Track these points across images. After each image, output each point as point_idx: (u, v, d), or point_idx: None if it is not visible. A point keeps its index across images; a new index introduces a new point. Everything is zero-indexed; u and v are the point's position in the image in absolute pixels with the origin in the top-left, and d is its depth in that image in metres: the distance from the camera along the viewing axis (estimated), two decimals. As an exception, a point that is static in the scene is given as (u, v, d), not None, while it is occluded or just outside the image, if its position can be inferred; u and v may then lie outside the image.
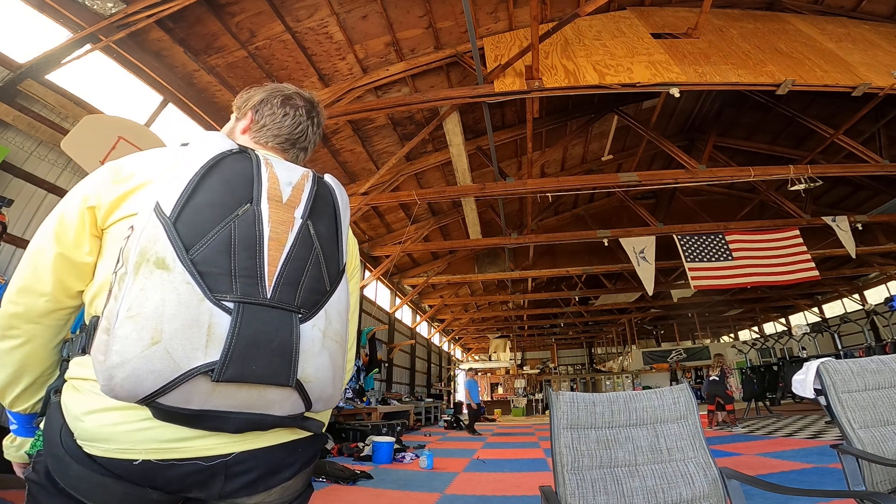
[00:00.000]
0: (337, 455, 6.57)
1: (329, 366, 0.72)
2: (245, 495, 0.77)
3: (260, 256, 0.68)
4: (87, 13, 4.64)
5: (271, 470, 0.78)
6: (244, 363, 0.64)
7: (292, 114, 0.96)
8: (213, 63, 6.02)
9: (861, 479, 1.60)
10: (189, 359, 0.62)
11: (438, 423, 14.61)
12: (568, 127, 9.77)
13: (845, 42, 7.20)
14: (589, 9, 5.11)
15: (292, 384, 0.68)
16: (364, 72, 6.90)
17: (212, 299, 0.64)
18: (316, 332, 0.71)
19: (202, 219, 0.67)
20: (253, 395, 0.67)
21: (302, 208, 0.75)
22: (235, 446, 0.74)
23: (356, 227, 11.04)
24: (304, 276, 0.71)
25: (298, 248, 0.72)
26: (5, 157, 4.01)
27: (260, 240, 0.68)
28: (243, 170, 0.74)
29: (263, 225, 0.69)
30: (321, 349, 0.71)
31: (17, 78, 4.19)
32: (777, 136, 10.74)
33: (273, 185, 0.74)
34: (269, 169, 0.76)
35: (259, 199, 0.71)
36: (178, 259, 0.63)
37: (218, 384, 0.64)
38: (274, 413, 0.70)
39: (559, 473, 1.56)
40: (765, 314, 23.25)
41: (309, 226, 0.75)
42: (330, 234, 0.79)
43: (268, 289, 0.67)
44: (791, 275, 9.21)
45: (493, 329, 24.99)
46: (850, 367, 1.88)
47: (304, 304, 0.70)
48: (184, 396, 0.64)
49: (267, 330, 0.66)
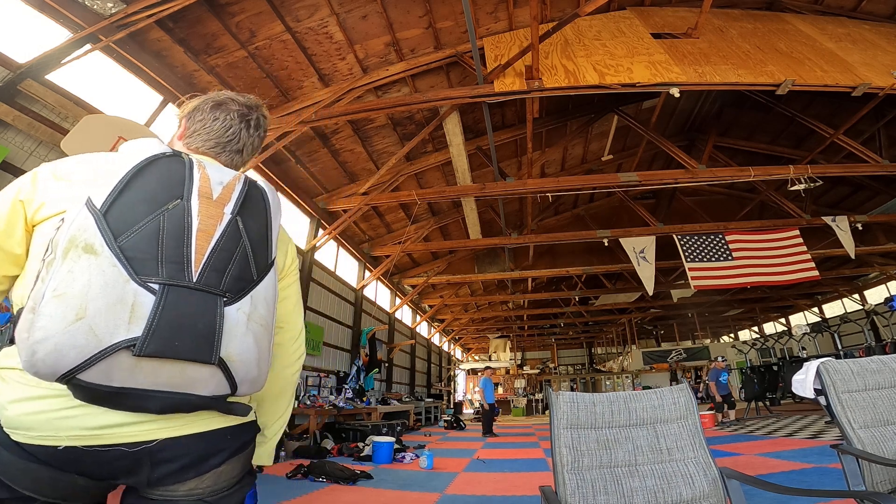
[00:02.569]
0: (337, 455, 6.57)
1: (254, 347, 0.76)
2: (174, 482, 0.79)
3: (188, 245, 0.73)
4: (87, 13, 4.64)
5: (199, 457, 0.80)
6: (166, 339, 0.68)
7: (222, 118, 0.98)
8: (213, 63, 6.02)
9: (861, 479, 1.60)
10: (112, 335, 0.65)
11: (438, 423, 14.61)
12: (568, 127, 9.77)
13: (845, 42, 7.20)
14: (589, 9, 5.11)
15: (215, 361, 0.72)
16: (364, 72, 6.90)
17: (137, 280, 0.68)
18: (241, 315, 0.75)
19: (132, 211, 0.71)
20: (176, 372, 0.70)
21: (232, 205, 0.81)
22: (160, 433, 0.76)
23: (356, 226, 11.05)
24: (231, 265, 0.77)
25: (226, 239, 0.78)
26: (5, 157, 4.01)
27: (188, 230, 0.74)
28: (176, 170, 0.79)
29: (193, 218, 0.75)
30: (246, 331, 0.75)
31: (17, 78, 4.19)
32: (777, 136, 10.74)
33: (204, 184, 0.79)
34: (202, 170, 0.81)
35: (189, 195, 0.77)
36: (106, 245, 0.67)
37: (140, 360, 0.67)
38: (198, 392, 0.73)
39: (559, 473, 1.56)
40: (765, 314, 23.25)
41: (238, 221, 0.81)
42: (259, 230, 0.84)
43: (194, 273, 0.72)
44: (791, 275, 9.21)
45: (493, 329, 24.99)
46: (850, 367, 1.88)
47: (229, 289, 0.75)
48: (105, 372, 0.66)
49: (191, 310, 0.70)
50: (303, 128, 6.95)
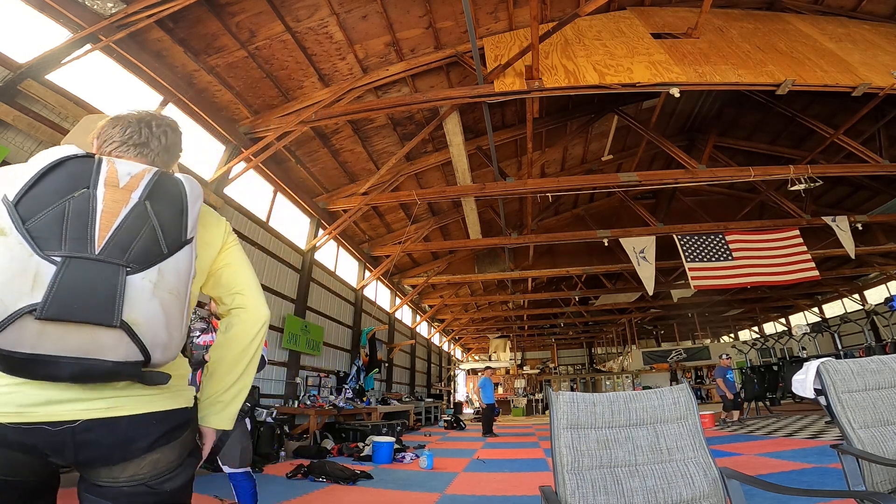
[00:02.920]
0: (337, 455, 6.57)
1: (160, 312, 0.82)
2: (103, 465, 0.85)
3: (91, 225, 0.80)
4: (87, 13, 4.64)
5: (122, 440, 0.85)
6: (66, 303, 0.74)
7: (121, 124, 1.07)
8: (213, 63, 6.02)
9: (861, 479, 1.60)
10: (16, 302, 0.72)
11: (438, 423, 14.60)
12: (568, 127, 9.77)
13: (845, 42, 7.20)
14: (589, 9, 5.11)
15: (116, 323, 0.77)
16: (364, 72, 6.90)
17: (41, 254, 0.75)
18: (146, 283, 0.81)
19: (40, 200, 0.80)
20: (84, 338, 0.76)
21: (139, 191, 0.87)
22: (82, 414, 0.82)
23: (356, 226, 11.05)
24: (137, 241, 0.83)
25: (132, 219, 0.84)
26: (5, 157, 4.01)
27: (93, 213, 0.81)
28: (85, 166, 0.87)
29: (97, 202, 0.82)
30: (151, 297, 0.81)
31: (17, 78, 4.19)
32: (777, 136, 10.74)
33: (111, 175, 0.87)
34: (111, 164, 0.89)
35: (96, 185, 0.84)
36: (14, 227, 0.76)
37: (45, 324, 0.73)
38: (107, 358, 0.78)
39: (559, 473, 1.56)
40: (765, 314, 23.25)
41: (146, 205, 0.87)
42: (172, 213, 0.90)
43: (97, 248, 0.79)
44: (791, 275, 9.21)
45: (493, 329, 24.99)
46: (850, 367, 1.88)
47: (134, 260, 0.81)
48: (15, 337, 0.72)
49: (91, 278, 0.77)
50: (303, 128, 6.95)
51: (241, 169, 6.99)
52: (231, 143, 6.93)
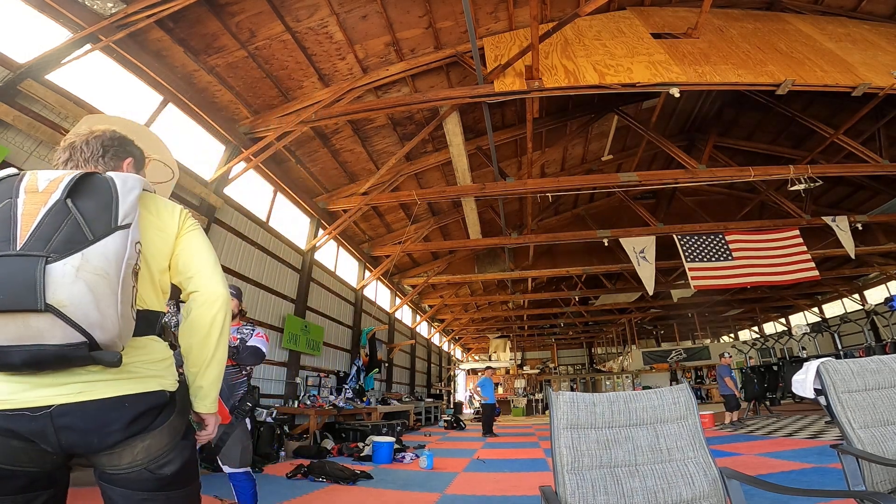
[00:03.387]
0: (337, 455, 6.57)
1: (86, 292, 0.86)
2: (89, 451, 0.94)
3: (13, 227, 0.87)
4: (87, 13, 4.64)
5: (97, 424, 0.93)
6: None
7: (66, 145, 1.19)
8: (213, 63, 6.02)
9: (861, 478, 1.60)
10: None
11: (438, 423, 14.60)
12: (568, 127, 9.77)
13: (845, 42, 7.20)
14: (589, 9, 5.11)
15: (41, 307, 0.83)
16: (364, 72, 6.90)
17: None
18: (68, 267, 0.86)
19: None
20: (20, 325, 0.83)
21: (58, 193, 0.93)
22: (55, 399, 0.90)
23: (356, 226, 11.05)
24: (58, 233, 0.88)
25: (52, 215, 0.90)
26: (5, 157, 4.01)
27: (14, 217, 0.88)
28: (9, 182, 0.95)
29: (18, 207, 0.90)
30: (74, 280, 0.85)
31: (17, 78, 4.19)
32: (777, 136, 10.74)
33: (31, 183, 0.94)
34: (33, 175, 0.97)
35: (17, 193, 0.92)
36: None
37: None
38: (49, 342, 0.85)
39: (559, 473, 1.56)
40: (765, 314, 23.25)
41: (67, 201, 0.92)
42: (99, 205, 0.95)
43: (18, 244, 0.86)
44: (791, 275, 9.21)
45: (493, 329, 24.99)
46: (850, 367, 1.88)
47: (55, 250, 0.87)
48: None
49: (13, 271, 0.83)
50: (303, 128, 6.95)
51: (241, 169, 6.99)
52: (231, 143, 6.93)
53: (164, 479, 0.98)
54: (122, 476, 0.95)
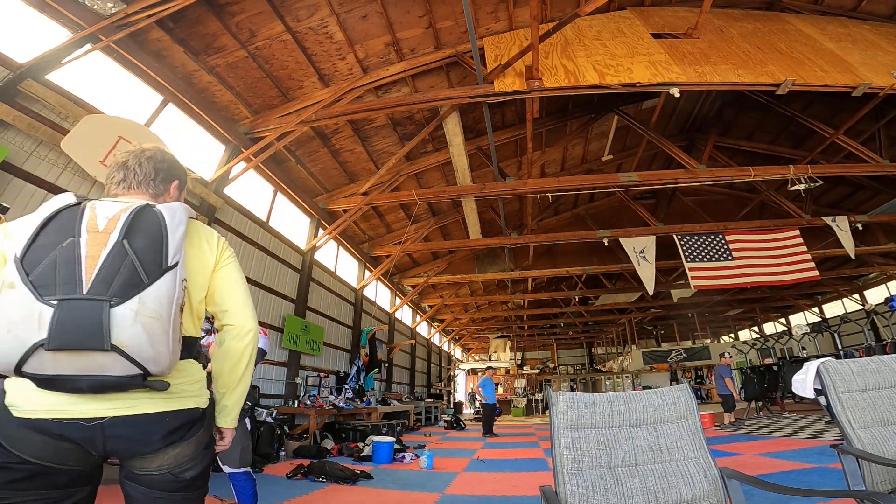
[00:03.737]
0: (337, 455, 6.57)
1: (143, 334, 0.97)
2: (128, 455, 1.07)
3: (79, 269, 0.96)
4: (87, 13, 4.64)
5: (141, 434, 1.06)
6: (65, 336, 0.92)
7: (116, 167, 1.28)
8: (213, 63, 6.02)
9: (861, 478, 1.60)
10: (30, 339, 0.91)
11: (438, 423, 14.60)
12: (568, 127, 9.77)
13: (845, 42, 7.20)
14: (589, 9, 5.11)
15: (107, 347, 0.94)
16: (364, 72, 6.90)
17: (41, 300, 0.93)
18: (128, 311, 0.96)
19: (39, 254, 0.98)
20: (88, 360, 0.94)
21: (117, 232, 1.03)
22: (108, 412, 1.02)
23: (356, 226, 11.05)
24: (117, 277, 0.98)
25: (111, 258, 0.99)
26: (5, 157, 4.01)
27: (78, 258, 0.98)
28: (70, 216, 1.04)
29: (81, 248, 0.99)
30: (133, 323, 0.96)
31: (17, 78, 4.19)
32: (777, 136, 10.74)
33: (91, 221, 1.03)
34: (91, 211, 1.06)
35: (79, 232, 1.01)
36: (21, 280, 0.94)
37: (56, 353, 0.92)
38: (111, 374, 0.97)
39: (559, 473, 1.56)
40: (765, 314, 23.25)
41: (125, 243, 1.02)
42: (151, 245, 1.05)
43: (84, 288, 0.95)
44: (791, 275, 9.21)
45: (493, 329, 24.98)
46: (850, 367, 1.88)
47: (116, 294, 0.96)
48: (37, 364, 0.93)
49: (82, 314, 0.93)
50: (303, 128, 6.95)
51: (241, 169, 6.99)
52: (231, 143, 6.93)
53: (184, 483, 1.11)
54: (148, 477, 1.08)
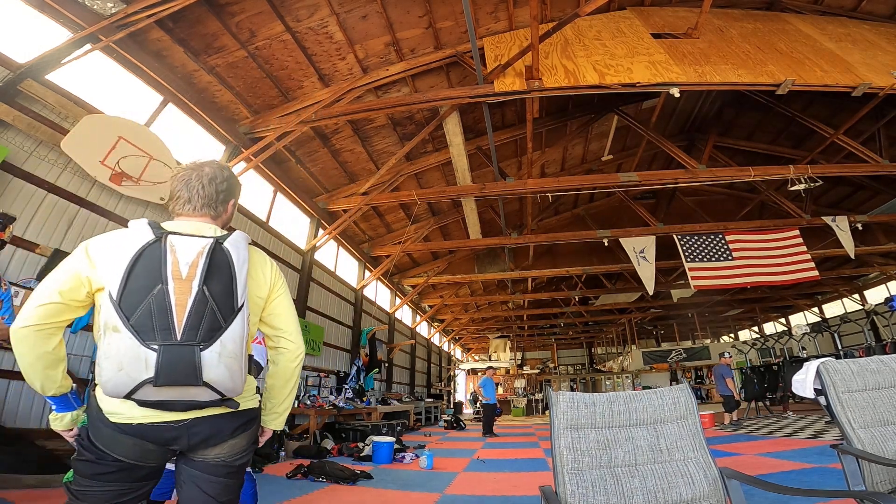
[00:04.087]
0: (337, 455, 6.57)
1: (226, 373, 1.19)
2: (204, 448, 1.28)
3: (171, 317, 1.14)
4: (87, 13, 4.64)
5: (214, 431, 1.28)
6: (167, 376, 1.12)
7: (185, 185, 1.40)
8: (213, 63, 6.02)
9: (861, 478, 1.60)
10: (139, 376, 1.11)
11: (438, 423, 14.60)
12: (568, 127, 9.77)
13: (845, 42, 7.20)
14: (589, 9, 5.11)
15: (200, 384, 1.16)
16: (364, 72, 6.90)
17: (145, 345, 1.11)
18: (213, 354, 1.17)
19: (133, 299, 1.14)
20: (182, 391, 1.16)
21: (197, 279, 1.19)
22: (190, 416, 1.25)
23: (356, 226, 11.05)
24: (202, 322, 1.17)
25: (196, 306, 1.17)
26: (5, 157, 4.01)
27: (169, 307, 1.15)
28: (156, 258, 1.18)
29: (171, 297, 1.15)
30: (218, 364, 1.18)
31: (17, 78, 4.19)
32: (777, 136, 10.74)
33: (175, 267, 1.18)
34: (172, 253, 1.20)
35: (166, 279, 1.16)
36: (123, 325, 1.12)
37: (159, 388, 1.13)
38: (201, 399, 1.20)
39: (559, 473, 1.56)
40: (765, 314, 23.24)
41: (204, 290, 1.19)
42: (224, 289, 1.23)
43: (178, 334, 1.14)
44: (791, 275, 9.21)
45: (493, 329, 24.98)
46: (850, 367, 1.88)
47: (203, 339, 1.17)
48: (144, 394, 1.14)
49: (180, 357, 1.13)
50: (303, 128, 6.94)
51: (240, 169, 6.98)
52: (231, 143, 6.93)
53: (233, 469, 1.33)
54: (205, 463, 1.29)
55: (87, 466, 1.19)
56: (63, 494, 1.21)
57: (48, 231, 4.42)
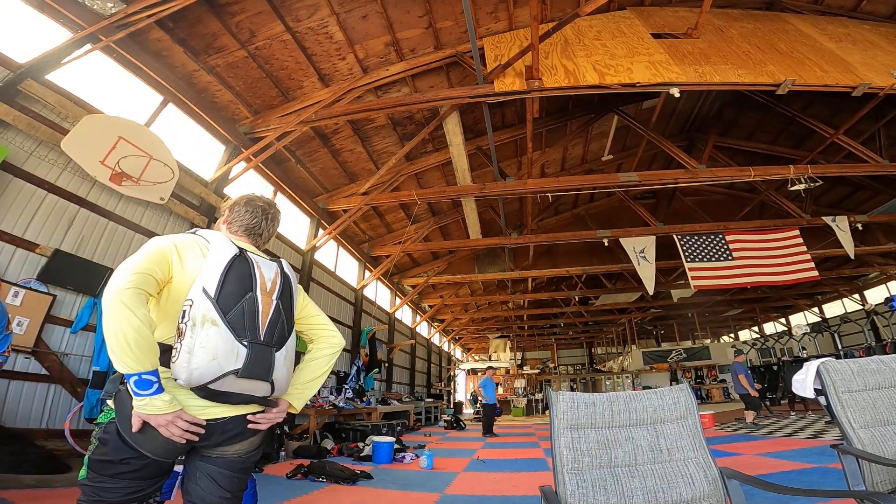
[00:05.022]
0: (337, 455, 6.57)
1: (286, 374, 1.43)
2: (228, 444, 1.38)
3: (258, 321, 1.36)
4: (87, 13, 4.64)
5: (242, 429, 1.39)
6: (251, 369, 1.31)
7: (251, 211, 1.62)
8: (213, 63, 6.02)
9: (861, 478, 1.60)
10: (228, 367, 1.27)
11: (438, 423, 14.60)
12: (568, 127, 9.77)
13: (845, 42, 7.20)
14: (589, 9, 5.11)
15: (269, 380, 1.36)
16: (364, 72, 6.90)
17: (238, 341, 1.30)
18: (281, 357, 1.40)
19: (229, 300, 1.32)
20: (252, 384, 1.34)
21: (276, 294, 1.44)
22: (226, 414, 1.36)
23: (356, 226, 11.05)
24: (276, 329, 1.40)
25: (274, 315, 1.41)
26: (5, 157, 4.01)
27: (257, 312, 1.37)
28: (246, 270, 1.40)
29: (259, 305, 1.38)
30: (283, 364, 1.40)
31: (17, 78, 4.19)
32: (777, 136, 10.74)
33: (262, 281, 1.42)
34: (259, 270, 1.44)
35: (255, 289, 1.39)
36: (222, 320, 1.29)
37: (239, 379, 1.29)
38: (256, 394, 1.36)
39: (559, 473, 1.56)
40: (765, 314, 23.23)
41: (279, 304, 1.44)
42: (288, 306, 1.49)
43: (261, 336, 1.35)
44: (791, 275, 9.21)
45: (493, 329, 24.97)
46: (850, 367, 1.88)
47: (277, 343, 1.39)
48: (221, 384, 1.28)
49: (262, 355, 1.35)
50: (303, 128, 6.95)
51: (241, 169, 6.99)
52: (231, 143, 6.93)
53: (248, 464, 1.44)
54: (223, 459, 1.38)
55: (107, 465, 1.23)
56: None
57: (48, 231, 4.43)
